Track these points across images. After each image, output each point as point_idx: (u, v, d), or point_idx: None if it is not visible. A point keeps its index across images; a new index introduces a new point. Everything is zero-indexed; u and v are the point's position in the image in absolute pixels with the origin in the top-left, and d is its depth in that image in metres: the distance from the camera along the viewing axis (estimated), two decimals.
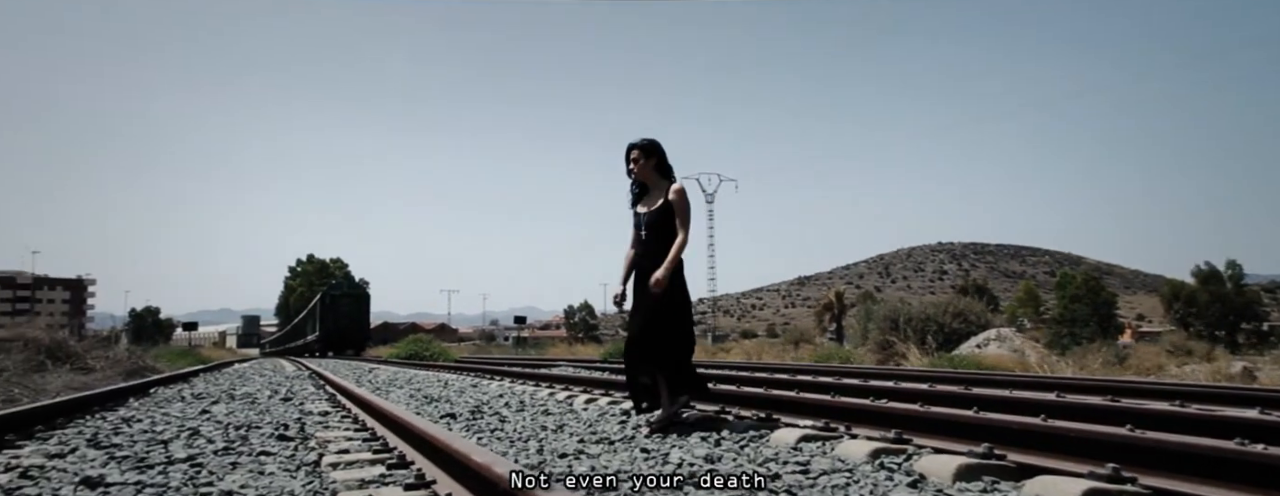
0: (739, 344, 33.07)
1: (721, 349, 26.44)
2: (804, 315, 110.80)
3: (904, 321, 17.80)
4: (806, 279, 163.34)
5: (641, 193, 4.45)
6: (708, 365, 15.08)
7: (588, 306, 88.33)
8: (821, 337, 36.89)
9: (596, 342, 57.88)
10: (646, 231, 4.34)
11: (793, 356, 18.98)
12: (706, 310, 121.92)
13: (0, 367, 7.68)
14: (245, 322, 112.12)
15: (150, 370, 16.99)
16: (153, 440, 4.04)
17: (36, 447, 3.83)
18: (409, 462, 3.16)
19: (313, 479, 2.96)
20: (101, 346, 17.79)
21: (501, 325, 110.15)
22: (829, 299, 43.98)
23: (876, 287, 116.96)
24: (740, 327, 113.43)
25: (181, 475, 3.05)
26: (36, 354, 15.24)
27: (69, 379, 11.18)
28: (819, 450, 3.55)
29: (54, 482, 2.87)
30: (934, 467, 2.72)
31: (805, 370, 11.63)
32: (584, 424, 4.95)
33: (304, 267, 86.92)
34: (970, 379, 8.23)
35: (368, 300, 40.31)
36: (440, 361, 19.26)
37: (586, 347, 36.48)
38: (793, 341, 24.32)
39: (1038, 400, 5.01)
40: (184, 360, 23.76)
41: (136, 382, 8.64)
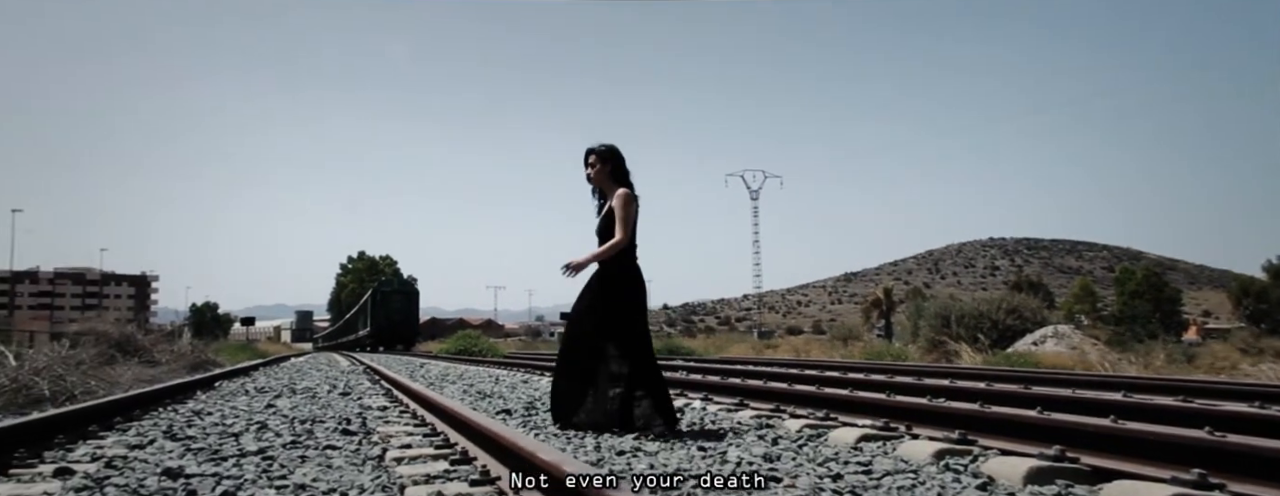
0: (786, 340, 32.84)
1: (768, 346, 26.27)
2: (851, 312, 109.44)
3: (956, 318, 17.47)
4: (853, 275, 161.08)
5: (602, 200, 4.47)
6: (755, 362, 15.02)
7: None
8: (869, 334, 36.40)
9: None
10: (598, 237, 4.40)
11: (841, 354, 18.77)
12: (752, 306, 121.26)
13: (78, 361, 8.00)
14: (299, 318, 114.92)
15: (212, 363, 17.54)
16: (224, 433, 4.17)
17: (117, 438, 3.99)
18: (471, 458, 3.21)
19: (379, 473, 3.03)
20: (166, 340, 18.43)
21: (547, 321, 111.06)
22: (876, 295, 43.36)
23: (925, 284, 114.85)
24: (786, 324, 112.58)
25: (255, 467, 3.15)
26: (107, 347, 15.87)
27: (138, 371, 11.59)
28: (880, 450, 3.51)
29: (138, 473, 2.98)
30: (1003, 469, 2.67)
31: (856, 367, 11.49)
32: None
33: (355, 265, 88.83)
34: (1029, 377, 8.05)
35: (417, 296, 41.07)
36: (489, 357, 19.51)
37: None
38: (841, 338, 24.05)
39: (1104, 400, 4.87)
40: (243, 354, 24.50)
41: (202, 377, 8.93)
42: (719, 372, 10.28)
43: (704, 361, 16.23)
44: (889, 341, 32.51)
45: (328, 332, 71.99)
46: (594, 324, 4.33)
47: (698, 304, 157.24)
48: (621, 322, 4.28)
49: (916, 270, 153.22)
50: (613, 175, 4.37)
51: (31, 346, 11.25)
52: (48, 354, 8.06)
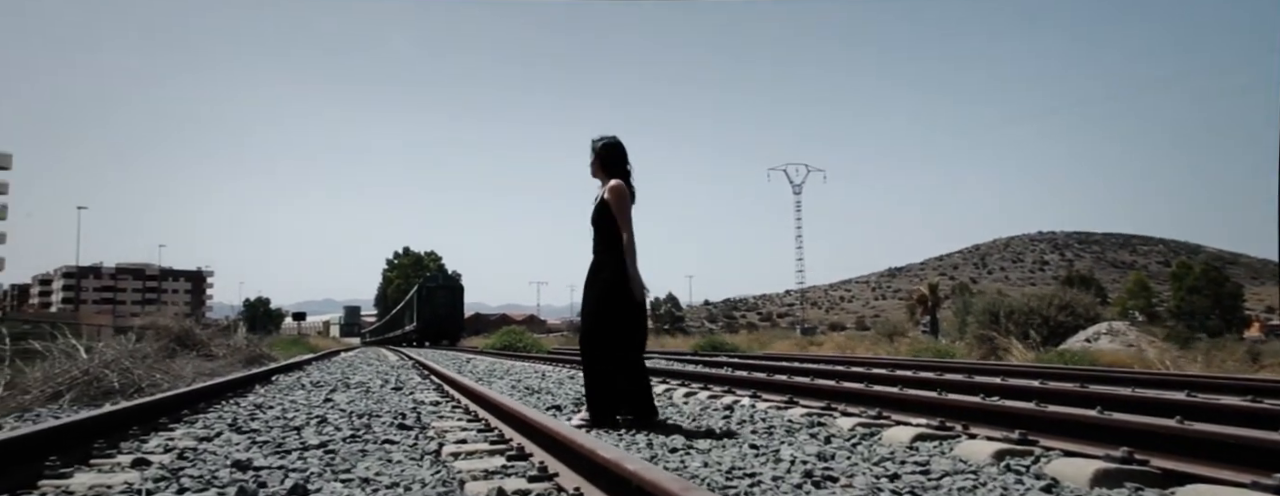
0: (829, 337, 32.51)
1: (811, 342, 26.05)
2: (895, 308, 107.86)
3: (1005, 314, 17.12)
4: (897, 270, 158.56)
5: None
6: (800, 358, 14.92)
7: (673, 298, 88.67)
8: (915, 331, 35.85)
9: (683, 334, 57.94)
10: (593, 228, 4.44)
11: (887, 351, 18.54)
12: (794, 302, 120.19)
13: (143, 355, 8.29)
14: (347, 313, 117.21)
15: (267, 357, 18.02)
16: (286, 426, 4.29)
17: (186, 430, 4.13)
18: (528, 454, 3.25)
19: (438, 468, 3.08)
20: (222, 334, 18.92)
21: None
22: (921, 291, 42.67)
23: (972, 279, 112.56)
24: (828, 320, 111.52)
25: (318, 460, 3.23)
26: (169, 341, 16.40)
27: (197, 364, 11.95)
28: (936, 450, 3.46)
29: (209, 464, 3.08)
30: (1067, 471, 2.62)
31: (903, 365, 11.35)
32: (687, 417, 4.98)
33: (401, 261, 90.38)
34: (1085, 376, 7.86)
35: (462, 292, 41.59)
36: (533, 353, 19.69)
37: (674, 339, 36.59)
38: (885, 335, 23.73)
39: (1166, 400, 4.74)
40: (295, 348, 25.11)
41: (260, 371, 9.18)
42: (765, 369, 10.23)
43: (748, 358, 16.17)
44: (935, 338, 31.98)
45: (375, 328, 73.35)
46: (596, 319, 4.39)
47: (739, 300, 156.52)
48: (619, 317, 4.34)
49: (962, 265, 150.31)
50: (605, 167, 4.43)
51: (98, 340, 11.69)
52: (116, 348, 8.36)
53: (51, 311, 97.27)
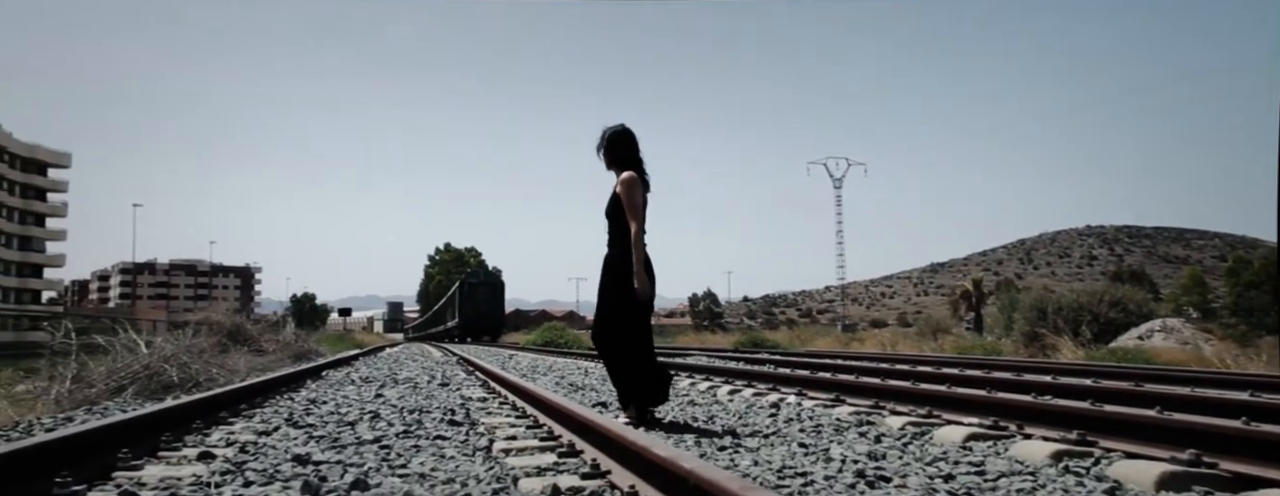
0: (871, 334, 32.14)
1: (854, 339, 25.78)
2: (937, 304, 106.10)
3: (1053, 310, 16.75)
4: (940, 266, 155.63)
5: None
6: (844, 355, 14.78)
7: (712, 295, 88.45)
8: (958, 328, 35.27)
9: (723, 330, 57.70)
10: (607, 221, 4.40)
11: (931, 348, 18.28)
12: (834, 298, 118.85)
13: (200, 349, 8.54)
14: (390, 309, 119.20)
15: (315, 353, 18.40)
16: (340, 421, 4.38)
17: (245, 424, 4.25)
18: (578, 451, 3.28)
19: (491, 464, 3.13)
20: (271, 330, 19.32)
21: None
22: (965, 287, 41.96)
23: (1017, 275, 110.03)
24: (869, 316, 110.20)
25: (374, 455, 3.30)
26: (222, 337, 16.85)
27: (249, 359, 12.26)
28: (991, 450, 3.41)
29: (270, 458, 3.17)
30: (1130, 474, 2.56)
31: (949, 362, 11.17)
32: (733, 415, 4.98)
33: (442, 257, 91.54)
34: (1141, 374, 7.66)
35: (503, 288, 42.00)
36: (574, 349, 19.81)
37: (714, 336, 36.51)
38: (929, 332, 23.38)
39: (1229, 400, 4.60)
40: (341, 344, 25.61)
41: (310, 366, 9.38)
42: (808, 366, 10.17)
43: (790, 355, 16.06)
44: (980, 334, 31.40)
45: (417, 323, 74.45)
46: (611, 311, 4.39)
47: (778, 295, 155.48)
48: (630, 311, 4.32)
49: (1007, 260, 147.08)
50: (617, 158, 4.37)
51: (154, 334, 12.08)
52: (173, 344, 8.62)
53: (110, 306, 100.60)
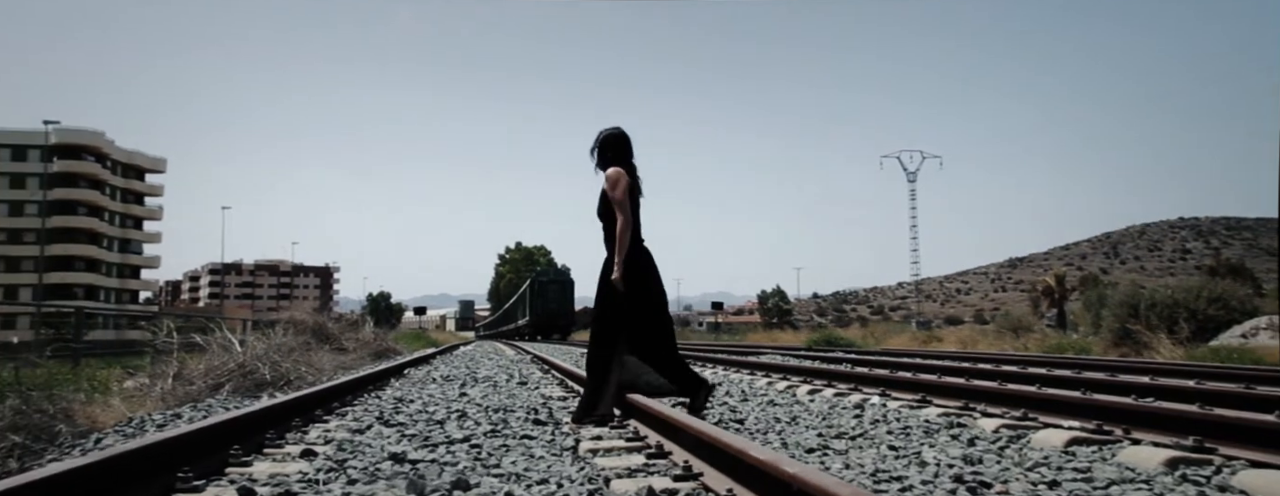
0: (948, 331, 31.26)
1: (931, 337, 25.11)
2: (1016, 300, 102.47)
3: (1146, 307, 15.96)
4: (1019, 260, 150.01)
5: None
6: (923, 354, 14.40)
7: (781, 292, 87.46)
8: (1040, 325, 34.01)
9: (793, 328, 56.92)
10: (600, 222, 4.45)
11: (1014, 346, 17.66)
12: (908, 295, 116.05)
13: (289, 348, 8.88)
14: (461, 307, 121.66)
15: (393, 351, 18.93)
16: (429, 420, 4.49)
17: (339, 423, 4.39)
18: (667, 452, 3.27)
19: (581, 465, 3.15)
20: (351, 329, 19.95)
21: (695, 310, 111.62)
22: (1047, 282, 40.39)
23: (1102, 269, 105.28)
24: (944, 313, 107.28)
25: (466, 454, 3.36)
26: (306, 335, 17.51)
27: (332, 357, 12.71)
28: (1097, 455, 3.26)
29: (368, 456, 3.27)
30: (1259, 484, 2.41)
31: (1035, 361, 10.75)
32: (816, 416, 4.90)
33: (512, 255, 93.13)
34: (1249, 375, 7.24)
35: (572, 286, 42.40)
36: None
37: (785, 334, 36.12)
38: (1010, 329, 22.59)
39: None
40: (417, 342, 26.28)
41: (392, 365, 9.64)
42: (887, 365, 9.94)
43: (866, 353, 15.74)
44: (1064, 332, 30.19)
45: (488, 321, 75.88)
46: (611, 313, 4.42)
47: (849, 292, 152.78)
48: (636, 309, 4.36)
49: (1091, 254, 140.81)
50: (608, 161, 4.43)
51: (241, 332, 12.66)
52: (265, 342, 8.98)
53: (200, 305, 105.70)
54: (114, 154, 72.47)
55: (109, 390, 6.47)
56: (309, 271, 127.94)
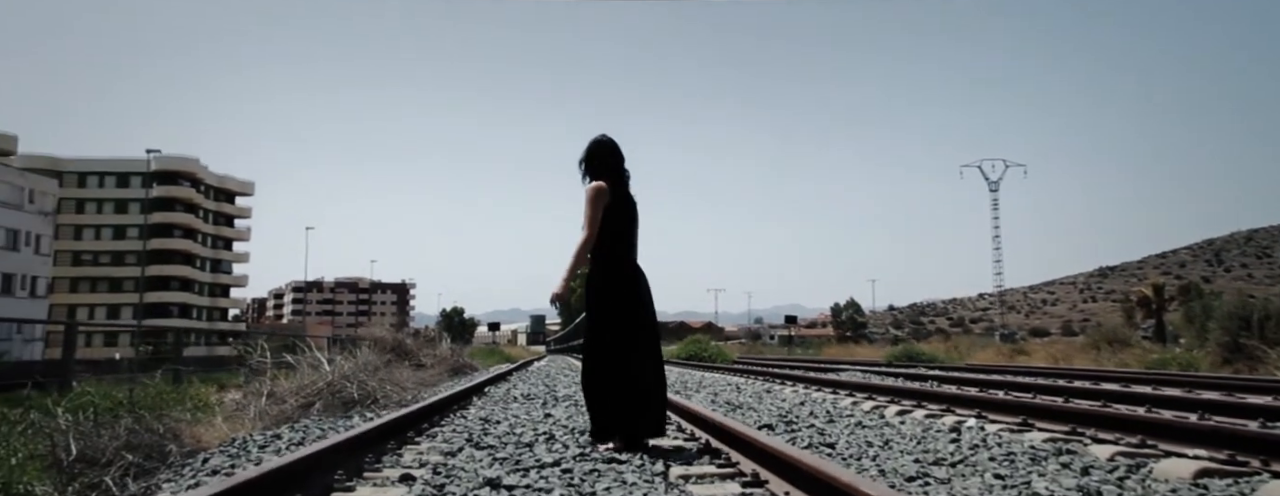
0: (1035, 345, 29.98)
1: (1018, 351, 24.12)
2: (1108, 311, 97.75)
3: (1260, 318, 14.95)
4: (1109, 269, 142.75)
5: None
6: (1011, 370, 13.78)
7: (855, 304, 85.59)
8: (1135, 337, 32.30)
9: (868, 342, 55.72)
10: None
11: (1112, 361, 16.78)
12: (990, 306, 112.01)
13: (374, 367, 9.09)
14: (533, 322, 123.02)
15: (469, 367, 19.26)
16: (518, 443, 4.49)
17: (429, 444, 4.44)
18: (763, 480, 3.18)
19: (676, 492, 3.08)
20: (429, 345, 20.39)
21: (766, 323, 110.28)
22: (1142, 292, 38.40)
23: (1203, 278, 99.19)
24: (1029, 325, 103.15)
25: (559, 480, 3.34)
26: (386, 352, 17.97)
27: (412, 374, 12.98)
28: (1232, 490, 3.02)
29: (464, 481, 3.27)
30: None
31: (1139, 379, 10.16)
32: (909, 440, 4.71)
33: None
34: None
35: None
36: (718, 362, 19.66)
37: (861, 348, 35.27)
38: (1104, 342, 21.49)
39: None
40: (492, 358, 26.68)
41: (472, 384, 9.76)
42: (976, 383, 9.57)
43: (951, 369, 15.21)
44: (1164, 345, 28.58)
45: (559, 336, 76.51)
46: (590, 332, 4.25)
47: (927, 304, 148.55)
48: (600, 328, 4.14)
49: (1191, 262, 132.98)
50: (592, 172, 4.22)
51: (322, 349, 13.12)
52: (351, 361, 9.22)
53: (284, 323, 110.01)
54: (207, 178, 76.31)
55: (211, 409, 6.72)
56: (386, 288, 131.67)
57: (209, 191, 77.03)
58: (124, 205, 69.62)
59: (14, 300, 46.74)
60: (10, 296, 46.47)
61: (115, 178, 70.13)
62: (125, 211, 69.37)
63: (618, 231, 4.14)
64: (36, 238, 49.09)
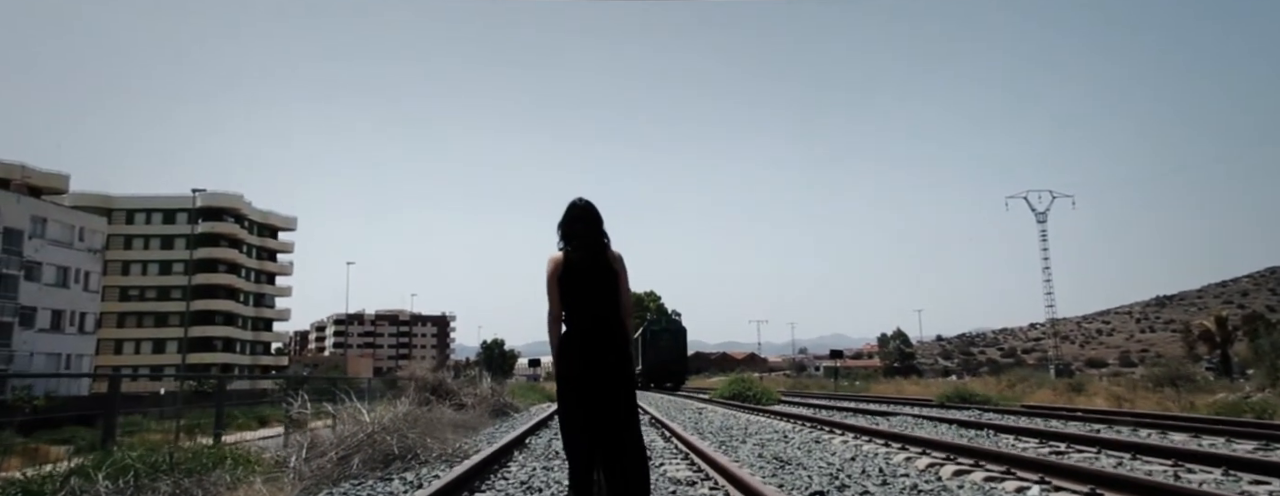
0: (1094, 380, 28.87)
1: (1074, 387, 23.17)
2: (1166, 341, 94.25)
3: None
4: (1167, 299, 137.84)
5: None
6: (1067, 413, 13.07)
7: (902, 335, 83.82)
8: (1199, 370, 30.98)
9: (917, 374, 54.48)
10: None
11: (1179, 405, 15.95)
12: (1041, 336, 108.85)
13: (414, 419, 8.96)
14: None
15: (511, 408, 19.12)
16: None
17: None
18: None
19: None
20: (470, 384, 20.33)
21: (810, 354, 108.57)
22: (1204, 325, 36.93)
23: (1269, 308, 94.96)
24: (1084, 356, 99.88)
25: None
26: (426, 392, 17.94)
27: (452, 416, 12.86)
28: None
29: None
30: None
31: (1213, 426, 9.53)
32: None
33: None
34: None
35: (685, 335, 42.00)
36: (764, 405, 19.21)
37: (911, 384, 34.31)
38: (1167, 379, 20.56)
39: None
40: (532, 396, 26.53)
41: (515, 436, 9.59)
42: (1035, 434, 9.09)
43: (1006, 413, 14.55)
44: (1230, 379, 27.32)
45: None
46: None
47: (976, 334, 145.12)
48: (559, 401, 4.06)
49: (1254, 291, 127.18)
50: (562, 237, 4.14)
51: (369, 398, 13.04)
52: (391, 411, 9.13)
53: (325, 355, 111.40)
54: (251, 214, 78.10)
55: (251, 466, 6.64)
56: (426, 320, 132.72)
57: (252, 227, 78.73)
58: (170, 241, 71.44)
59: (63, 335, 48.04)
60: (60, 332, 47.77)
61: (162, 214, 72.07)
62: (171, 247, 71.13)
63: (569, 302, 4.03)
64: (86, 275, 50.48)
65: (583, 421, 3.89)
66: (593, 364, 3.93)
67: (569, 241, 4.07)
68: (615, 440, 3.87)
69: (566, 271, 4.00)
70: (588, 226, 4.08)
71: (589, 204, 4.15)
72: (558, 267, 4.01)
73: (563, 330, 4.03)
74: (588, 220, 4.09)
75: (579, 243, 4.05)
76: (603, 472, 3.86)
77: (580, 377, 3.92)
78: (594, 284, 4.02)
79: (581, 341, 3.96)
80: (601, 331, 3.98)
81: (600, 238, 4.10)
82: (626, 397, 3.95)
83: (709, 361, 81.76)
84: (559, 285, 3.99)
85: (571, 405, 3.94)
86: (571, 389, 3.94)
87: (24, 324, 44.69)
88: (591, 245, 4.06)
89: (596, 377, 3.92)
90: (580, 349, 3.95)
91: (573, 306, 4.00)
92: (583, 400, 3.91)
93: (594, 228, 4.09)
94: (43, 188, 52.29)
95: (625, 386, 3.96)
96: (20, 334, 44.23)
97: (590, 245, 4.06)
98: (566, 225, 4.09)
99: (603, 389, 3.91)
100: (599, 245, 4.08)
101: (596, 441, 3.86)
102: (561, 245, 4.08)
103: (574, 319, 4.00)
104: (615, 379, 3.94)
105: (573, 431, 3.93)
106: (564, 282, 3.99)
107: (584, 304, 3.99)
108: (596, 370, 3.93)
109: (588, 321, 3.99)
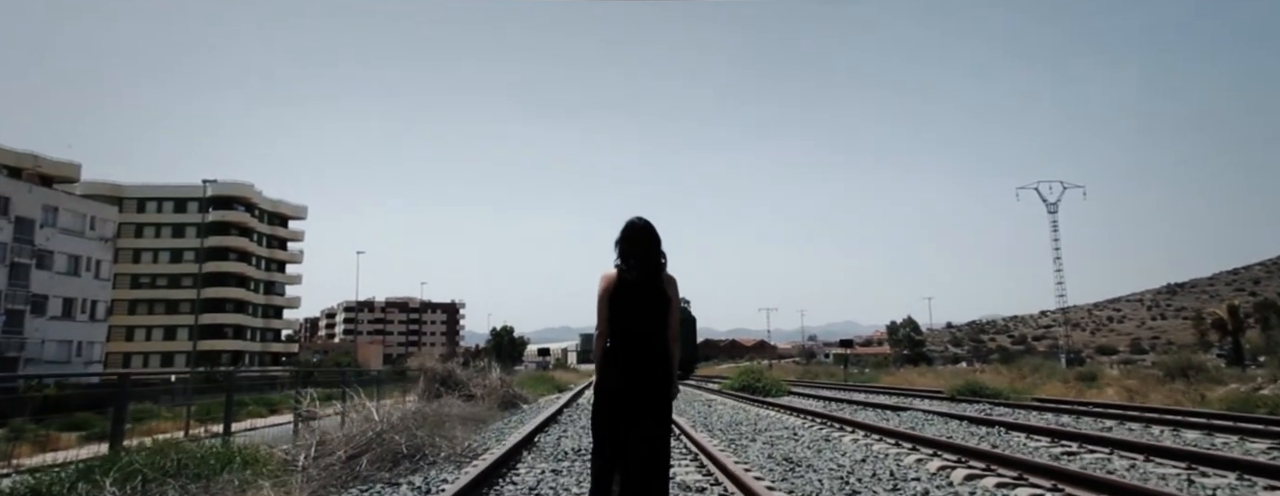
0: (1105, 369, 28.70)
1: (1085, 376, 23.04)
2: (1177, 328, 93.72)
3: None
4: (1178, 286, 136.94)
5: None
6: (1080, 407, 12.93)
7: (912, 322, 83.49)
8: (1212, 360, 30.81)
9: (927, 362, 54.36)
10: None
11: (1190, 398, 15.81)
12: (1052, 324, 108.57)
13: (423, 417, 8.95)
14: (582, 340, 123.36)
15: (520, 399, 19.15)
16: None
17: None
18: None
19: None
20: (479, 375, 20.37)
21: (820, 341, 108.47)
22: (1216, 313, 36.64)
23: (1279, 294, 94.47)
24: (1095, 343, 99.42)
25: None
26: (435, 383, 17.98)
27: (461, 408, 12.86)
28: None
29: None
30: None
31: (1224, 424, 9.42)
32: None
33: None
34: None
35: (694, 323, 41.95)
36: (773, 395, 19.18)
37: (921, 375, 34.19)
38: (1180, 372, 20.38)
39: None
40: (541, 387, 26.58)
41: (524, 435, 9.58)
42: (1048, 433, 9.01)
43: (1017, 407, 14.42)
44: (1242, 368, 27.12)
45: None
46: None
47: (987, 322, 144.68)
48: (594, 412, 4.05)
49: (1265, 279, 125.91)
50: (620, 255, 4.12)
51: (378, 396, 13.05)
52: (401, 411, 9.13)
53: (335, 342, 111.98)
54: (261, 203, 78.29)
55: (259, 467, 6.64)
56: (436, 308, 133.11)
57: (263, 215, 78.93)
58: (181, 229, 71.75)
59: (74, 323, 48.40)
60: (71, 320, 48.12)
61: (173, 203, 72.35)
62: (182, 235, 71.43)
63: (618, 320, 4.02)
64: (97, 263, 50.78)
65: (613, 434, 3.89)
66: (634, 380, 3.95)
67: (627, 260, 4.06)
68: (641, 457, 3.86)
69: (619, 290, 4.01)
70: (648, 248, 4.08)
71: (648, 224, 4.15)
72: (611, 285, 4.02)
73: (608, 345, 4.03)
74: (647, 242, 4.08)
75: (637, 262, 4.05)
76: (620, 486, 3.84)
77: (619, 391, 3.93)
78: (645, 305, 4.03)
79: (626, 357, 3.98)
80: (647, 349, 3.99)
81: (658, 258, 4.10)
82: (662, 418, 3.94)
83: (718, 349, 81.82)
84: (610, 303, 4.00)
85: (605, 417, 3.95)
86: (609, 401, 3.95)
87: (36, 311, 45.03)
88: (649, 267, 4.06)
89: (635, 393, 3.94)
90: (625, 364, 3.96)
91: (621, 325, 4.00)
92: (618, 414, 3.91)
93: (653, 248, 4.09)
94: (54, 177, 52.50)
95: (662, 406, 3.96)
96: (32, 321, 44.58)
97: (647, 267, 4.06)
98: (625, 244, 4.09)
99: (640, 406, 3.91)
100: (656, 266, 4.08)
101: (622, 455, 3.86)
102: (617, 262, 4.07)
103: (620, 336, 4.01)
104: (654, 397, 3.95)
105: (602, 443, 3.94)
106: (615, 301, 4.00)
107: (633, 323, 4.00)
108: (637, 386, 3.95)
109: (634, 339, 4.01)
